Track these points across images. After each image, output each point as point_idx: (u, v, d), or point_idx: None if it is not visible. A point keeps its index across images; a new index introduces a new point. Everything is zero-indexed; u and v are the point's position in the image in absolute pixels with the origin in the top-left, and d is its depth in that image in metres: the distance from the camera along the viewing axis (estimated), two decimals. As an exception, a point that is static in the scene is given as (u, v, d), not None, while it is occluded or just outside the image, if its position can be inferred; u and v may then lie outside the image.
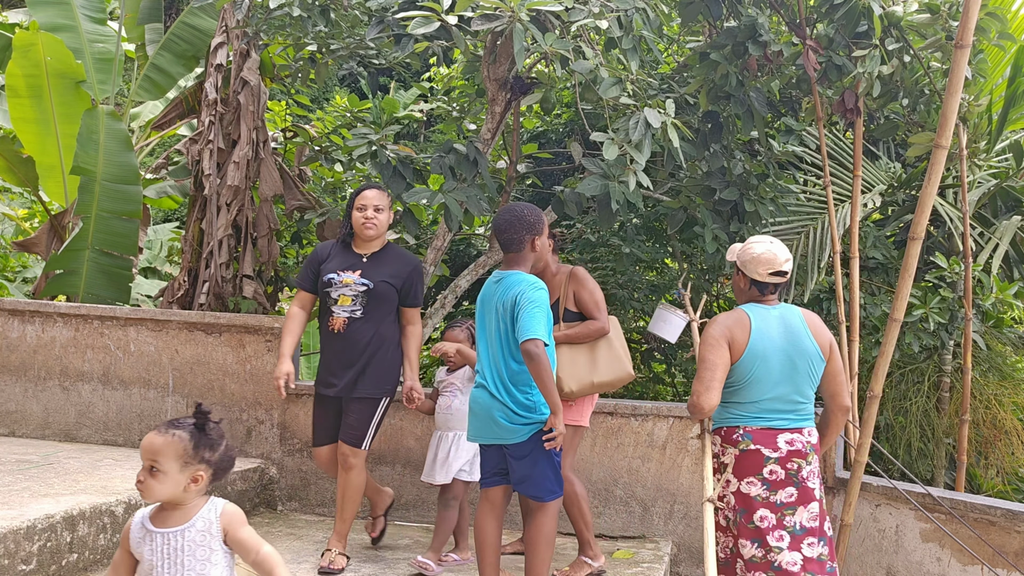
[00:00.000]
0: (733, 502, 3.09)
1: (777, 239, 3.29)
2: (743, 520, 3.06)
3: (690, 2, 4.73)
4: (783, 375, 3.10)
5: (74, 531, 3.31)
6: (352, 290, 3.81)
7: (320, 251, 3.98)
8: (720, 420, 3.19)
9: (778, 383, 3.10)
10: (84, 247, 6.08)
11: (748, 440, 3.08)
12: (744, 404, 3.12)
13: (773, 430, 3.08)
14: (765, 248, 3.20)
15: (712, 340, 3.10)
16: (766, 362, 3.09)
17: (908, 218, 6.04)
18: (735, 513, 3.09)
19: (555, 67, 4.06)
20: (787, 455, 3.05)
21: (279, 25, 5.27)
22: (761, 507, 3.03)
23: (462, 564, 4.00)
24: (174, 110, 7.65)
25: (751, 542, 3.04)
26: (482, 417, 3.30)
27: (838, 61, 4.62)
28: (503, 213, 3.38)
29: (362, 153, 4.76)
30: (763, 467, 3.05)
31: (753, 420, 3.10)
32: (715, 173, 5.15)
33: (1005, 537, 3.83)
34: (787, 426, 3.09)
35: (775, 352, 3.10)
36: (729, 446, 3.12)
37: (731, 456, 3.11)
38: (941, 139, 3.81)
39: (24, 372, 5.22)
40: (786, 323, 3.16)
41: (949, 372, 5.83)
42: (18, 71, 6.32)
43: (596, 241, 6.57)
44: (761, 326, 3.12)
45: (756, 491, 3.05)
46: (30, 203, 9.81)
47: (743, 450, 3.08)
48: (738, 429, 3.11)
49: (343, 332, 3.79)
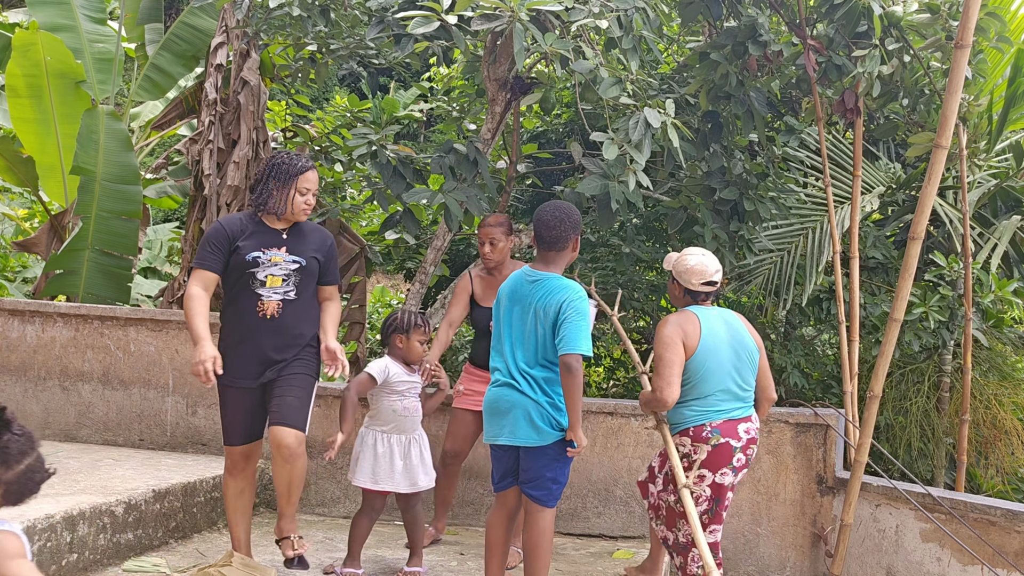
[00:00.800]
0: (709, 493, 3.34)
1: (709, 252, 3.58)
2: (718, 508, 3.35)
3: (690, 2, 4.73)
4: (732, 367, 3.39)
5: (74, 531, 3.31)
6: (282, 269, 3.34)
7: (229, 227, 3.38)
8: (686, 421, 3.39)
9: (728, 374, 3.38)
10: (84, 247, 6.08)
11: (717, 435, 3.32)
12: (702, 399, 3.35)
13: (733, 420, 3.35)
14: (697, 260, 3.49)
15: (668, 339, 3.35)
16: (717, 355, 3.36)
17: (908, 218, 6.05)
18: (711, 503, 3.35)
19: (555, 67, 4.06)
20: (746, 443, 3.37)
21: (279, 25, 5.27)
22: (729, 491, 3.39)
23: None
24: (174, 110, 7.66)
25: (720, 526, 3.39)
26: (511, 416, 3.19)
27: (838, 61, 4.62)
28: (551, 209, 3.26)
29: (362, 153, 4.76)
30: (732, 457, 3.34)
31: (716, 415, 3.34)
32: (715, 173, 5.15)
33: (1005, 537, 3.83)
34: (742, 415, 3.39)
35: (723, 346, 3.39)
36: (701, 444, 3.33)
37: (704, 452, 3.32)
38: (941, 139, 3.81)
39: (24, 372, 5.22)
40: (727, 321, 3.49)
41: (949, 372, 5.83)
42: (18, 71, 6.33)
43: (596, 241, 6.57)
44: (709, 324, 3.41)
45: (728, 480, 3.35)
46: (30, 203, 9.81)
47: (715, 445, 3.32)
48: (706, 427, 3.33)
49: (277, 317, 3.31)
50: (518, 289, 3.29)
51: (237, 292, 3.39)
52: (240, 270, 3.35)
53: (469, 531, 4.56)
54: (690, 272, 3.48)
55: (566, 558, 4.19)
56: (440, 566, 3.88)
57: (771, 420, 4.67)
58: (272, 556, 3.66)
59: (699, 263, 3.48)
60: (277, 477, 3.32)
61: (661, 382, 3.30)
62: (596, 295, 4.18)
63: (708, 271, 3.46)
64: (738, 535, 4.65)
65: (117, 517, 3.54)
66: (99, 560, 3.44)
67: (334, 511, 4.77)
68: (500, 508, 3.34)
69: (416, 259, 7.75)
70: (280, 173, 3.38)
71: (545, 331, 3.16)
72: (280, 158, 3.42)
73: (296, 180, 3.37)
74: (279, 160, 3.41)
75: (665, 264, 3.67)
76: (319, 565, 3.73)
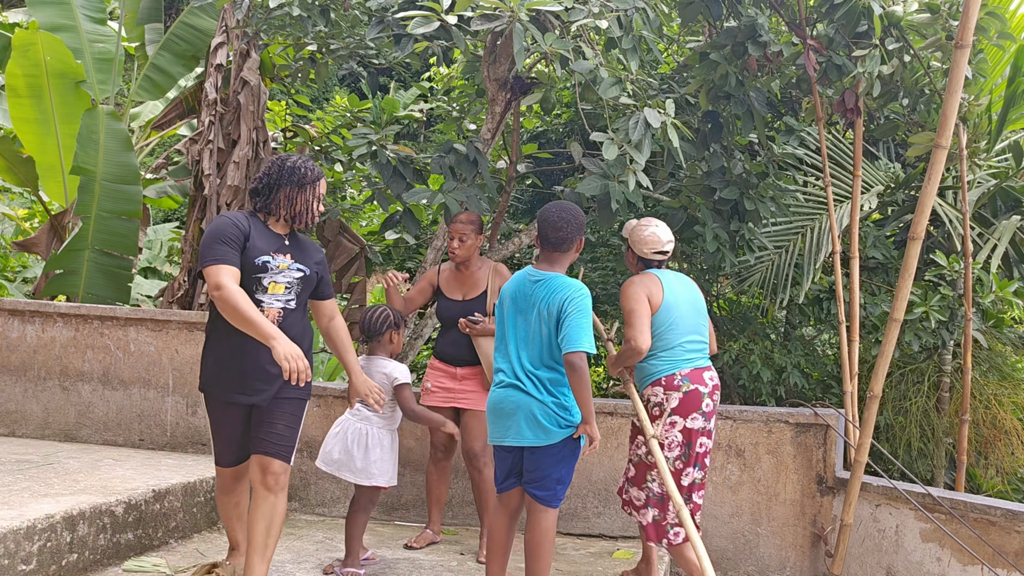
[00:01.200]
0: (680, 439, 3.55)
1: (663, 223, 3.83)
2: (690, 451, 3.57)
3: (690, 2, 4.73)
4: (692, 319, 3.66)
5: (74, 531, 3.31)
6: (286, 276, 3.17)
7: (240, 223, 3.16)
8: (657, 372, 3.60)
9: (689, 326, 3.64)
10: (84, 247, 6.08)
11: (687, 383, 3.55)
12: (669, 349, 3.58)
13: (699, 369, 3.60)
14: (651, 232, 3.76)
15: (634, 295, 3.58)
16: (679, 309, 3.63)
17: (908, 218, 6.04)
18: (682, 448, 3.55)
19: (555, 67, 4.07)
20: (712, 389, 3.61)
21: (279, 25, 5.27)
22: (700, 436, 3.57)
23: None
24: (174, 110, 7.66)
25: (694, 467, 3.58)
26: (516, 417, 3.19)
27: (838, 61, 4.62)
28: (557, 210, 3.26)
29: (362, 153, 4.76)
30: (701, 402, 3.56)
31: (684, 363, 3.58)
32: (715, 173, 5.15)
33: (1005, 537, 3.83)
34: (705, 364, 3.65)
35: (683, 301, 3.66)
36: (673, 391, 3.55)
37: (676, 400, 3.54)
38: (941, 139, 3.81)
39: (24, 372, 5.22)
40: (682, 281, 3.78)
41: (949, 372, 5.83)
42: (18, 71, 6.33)
43: (596, 241, 6.57)
44: (668, 282, 3.68)
45: (699, 424, 3.56)
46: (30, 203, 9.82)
47: (686, 392, 3.55)
48: (676, 375, 3.56)
49: (277, 326, 3.05)
50: (521, 290, 3.29)
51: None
52: (246, 273, 3.12)
53: (469, 531, 4.56)
54: (643, 242, 3.76)
55: (566, 558, 4.19)
56: (440, 566, 3.88)
57: (771, 420, 4.67)
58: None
59: (652, 234, 3.75)
60: (256, 515, 3.04)
61: (634, 332, 3.48)
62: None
63: (661, 241, 3.74)
64: (738, 535, 4.65)
65: (117, 517, 3.54)
66: (99, 560, 3.44)
67: (334, 511, 4.77)
68: (503, 509, 3.34)
69: (416, 259, 7.76)
70: (298, 178, 3.23)
71: (550, 330, 3.17)
72: (295, 162, 3.27)
73: (316, 186, 3.27)
74: (295, 164, 3.26)
75: (623, 232, 3.91)
76: (319, 565, 3.73)
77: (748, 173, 5.18)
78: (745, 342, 6.04)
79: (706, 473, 3.68)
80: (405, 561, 3.92)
